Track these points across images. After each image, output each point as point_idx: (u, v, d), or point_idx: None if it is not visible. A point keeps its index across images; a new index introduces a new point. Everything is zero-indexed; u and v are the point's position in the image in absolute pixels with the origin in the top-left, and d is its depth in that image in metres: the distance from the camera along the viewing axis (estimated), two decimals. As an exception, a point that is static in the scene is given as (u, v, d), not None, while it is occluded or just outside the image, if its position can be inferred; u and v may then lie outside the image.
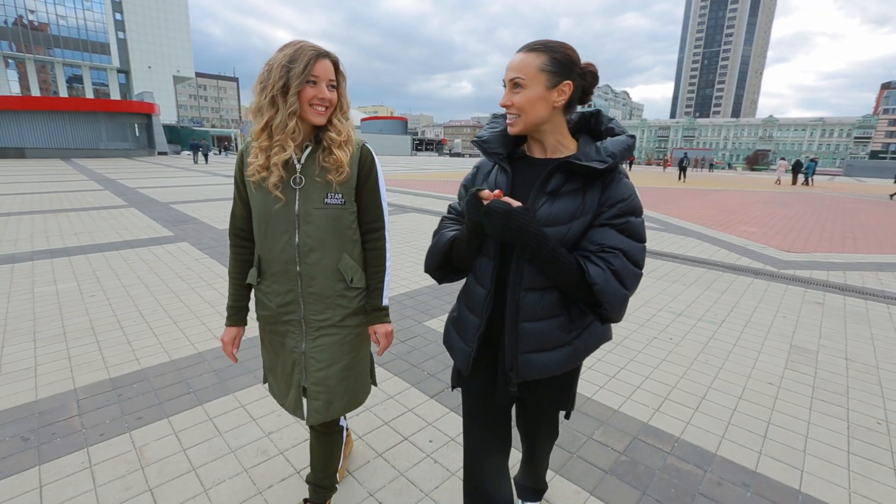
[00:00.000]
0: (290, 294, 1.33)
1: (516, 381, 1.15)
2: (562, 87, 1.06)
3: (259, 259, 1.36)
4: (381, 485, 1.86)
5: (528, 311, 1.11)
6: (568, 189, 1.07)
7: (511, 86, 1.08)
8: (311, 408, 1.38)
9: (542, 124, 1.10)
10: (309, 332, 1.36)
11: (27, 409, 2.29)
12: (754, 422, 2.36)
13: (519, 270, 1.10)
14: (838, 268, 5.81)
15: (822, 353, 3.24)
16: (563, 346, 1.13)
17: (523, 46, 1.08)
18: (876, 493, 1.88)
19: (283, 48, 1.22)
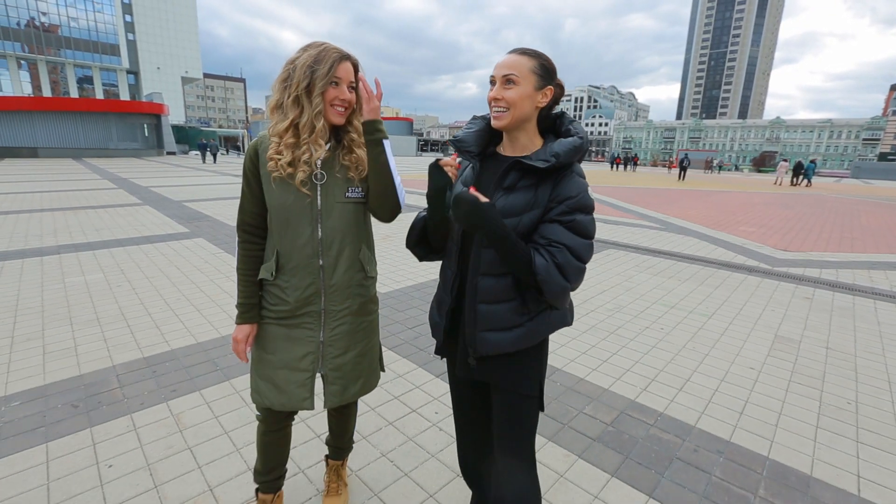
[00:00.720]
0: (312, 287, 1.35)
1: (474, 356, 1.24)
2: (545, 91, 1.17)
3: (277, 254, 1.35)
4: (392, 447, 2.09)
5: (485, 293, 1.19)
6: (523, 185, 1.15)
7: (503, 81, 1.15)
8: (328, 392, 1.43)
9: (524, 121, 1.19)
10: (328, 321, 1.39)
11: (73, 382, 2.54)
12: (733, 400, 2.57)
13: (477, 256, 1.19)
14: (832, 266, 5.98)
15: (805, 342, 3.44)
16: (516, 327, 1.20)
17: (514, 49, 1.18)
18: (836, 461, 2.08)
19: (307, 48, 1.26)
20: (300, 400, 1.39)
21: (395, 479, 1.90)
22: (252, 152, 1.33)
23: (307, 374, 1.40)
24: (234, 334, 1.42)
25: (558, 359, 3.00)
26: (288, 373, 1.39)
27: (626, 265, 5.63)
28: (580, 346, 3.23)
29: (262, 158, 1.30)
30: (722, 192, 18.08)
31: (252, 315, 1.41)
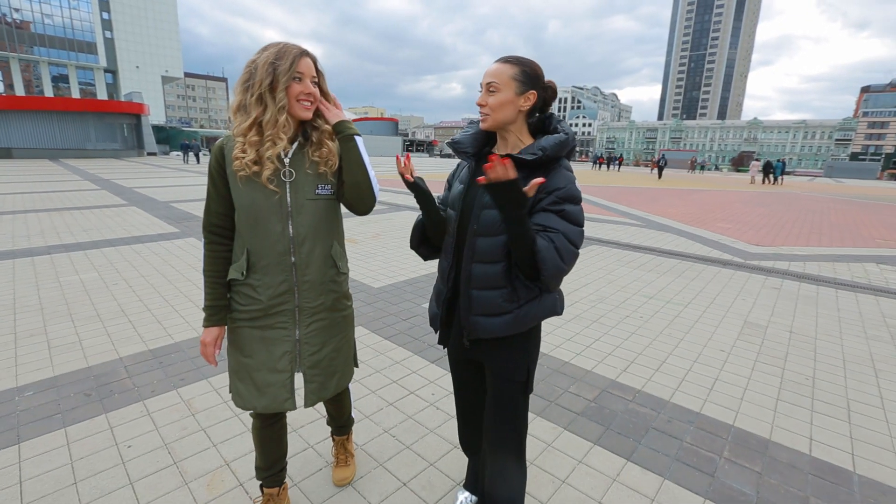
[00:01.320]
0: (284, 284, 1.36)
1: (468, 339, 1.34)
2: (527, 95, 1.26)
3: (248, 252, 1.35)
4: (394, 424, 2.26)
5: (478, 280, 1.28)
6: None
7: (487, 89, 1.26)
8: (307, 390, 1.44)
9: (508, 124, 1.28)
10: (302, 318, 1.40)
11: (83, 374, 2.64)
12: (704, 378, 2.81)
13: (472, 245, 1.28)
14: (800, 259, 6.34)
15: (771, 327, 3.71)
16: (506, 313, 1.28)
17: (500, 58, 1.28)
18: (792, 427, 2.33)
19: (265, 49, 1.28)
20: (282, 401, 1.40)
21: (398, 451, 2.07)
22: (217, 152, 1.33)
23: (286, 374, 1.40)
24: (202, 337, 1.42)
25: (546, 345, 3.20)
26: (267, 374, 1.39)
27: (607, 260, 5.88)
28: (566, 333, 3.44)
29: (228, 158, 1.30)
30: (702, 191, 18.64)
31: (220, 317, 1.41)
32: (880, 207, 14.72)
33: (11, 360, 2.79)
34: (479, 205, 1.28)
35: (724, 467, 2.01)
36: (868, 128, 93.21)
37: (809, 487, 1.90)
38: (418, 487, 1.85)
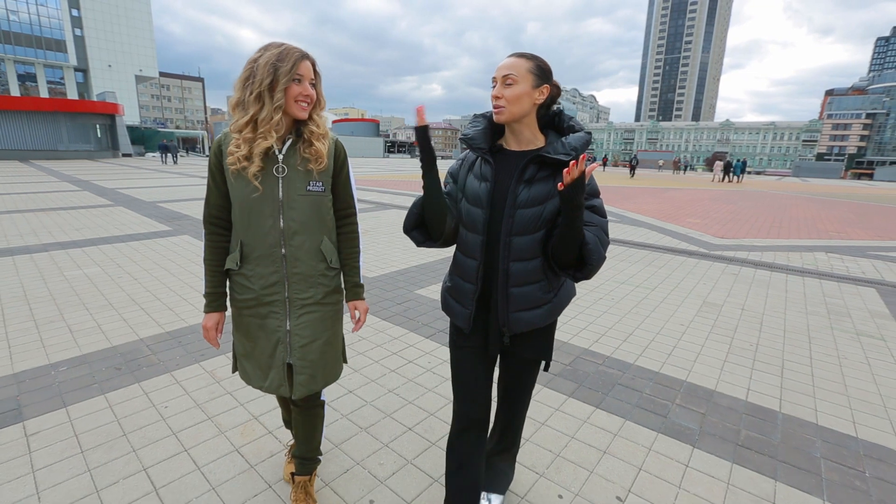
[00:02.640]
0: (275, 275, 1.41)
1: (508, 335, 1.37)
2: (542, 89, 1.27)
3: (241, 244, 1.41)
4: (397, 386, 2.59)
5: (516, 277, 1.30)
6: (541, 176, 1.27)
7: (503, 81, 1.25)
8: (297, 382, 1.47)
9: (523, 117, 1.29)
10: (293, 310, 1.44)
11: (109, 352, 2.89)
12: (664, 346, 3.23)
13: (507, 244, 1.29)
14: (758, 249, 6.92)
15: (726, 306, 4.18)
16: (545, 304, 1.35)
17: (513, 53, 1.29)
18: (734, 381, 2.76)
19: (267, 48, 1.32)
20: (276, 387, 1.47)
21: (402, 405, 2.40)
22: (216, 148, 1.39)
23: (279, 362, 1.46)
24: (203, 322, 1.51)
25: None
26: (268, 359, 1.47)
27: (585, 251, 6.32)
28: (545, 313, 3.83)
29: (226, 153, 1.35)
30: (676, 189, 19.47)
31: (220, 304, 1.50)
32: (838, 204, 15.72)
33: (38, 342, 3.01)
34: (511, 204, 1.28)
35: (675, 410, 2.41)
36: (832, 129, 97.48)
37: (742, 423, 2.32)
38: (421, 431, 2.19)
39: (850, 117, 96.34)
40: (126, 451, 1.97)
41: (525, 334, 1.38)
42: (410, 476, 1.88)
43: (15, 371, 2.62)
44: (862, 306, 4.32)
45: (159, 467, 1.88)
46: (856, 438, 2.22)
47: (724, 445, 2.13)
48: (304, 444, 1.67)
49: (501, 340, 1.38)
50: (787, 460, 2.04)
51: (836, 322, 3.86)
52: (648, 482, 1.88)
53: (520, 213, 1.27)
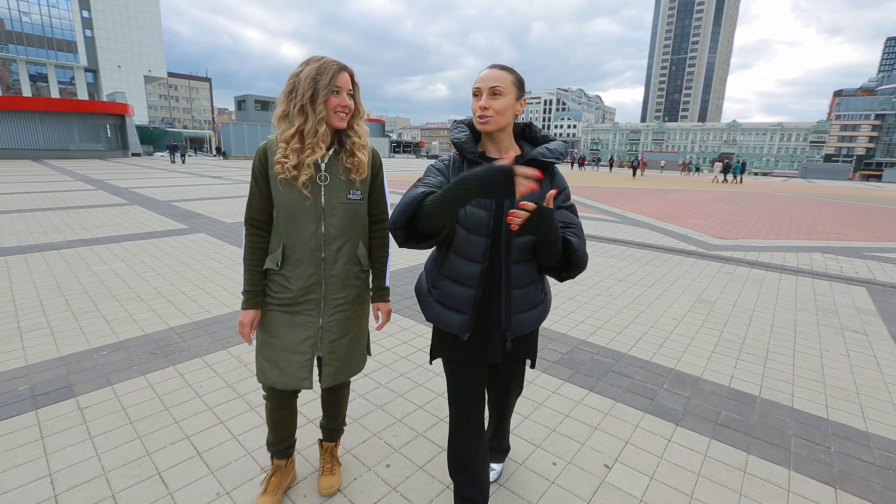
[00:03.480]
0: (314, 277, 1.49)
1: (512, 337, 1.39)
2: (521, 101, 1.35)
3: (283, 246, 1.48)
4: (408, 370, 2.83)
5: (517, 279, 1.35)
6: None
7: (490, 93, 1.30)
8: (325, 373, 1.58)
9: (505, 127, 1.36)
10: (326, 308, 1.53)
11: (143, 339, 3.15)
12: (656, 338, 3.45)
13: (508, 247, 1.33)
14: (755, 250, 7.10)
15: (719, 302, 4.39)
16: (540, 304, 1.42)
17: (494, 65, 1.34)
18: (719, 369, 2.97)
19: (308, 62, 1.40)
20: (300, 380, 1.53)
21: (413, 387, 2.64)
22: (261, 154, 1.47)
23: (307, 356, 1.53)
24: (240, 318, 1.55)
25: (528, 316, 3.81)
26: (289, 355, 1.52)
27: (586, 251, 6.53)
28: (545, 307, 4.06)
29: (271, 161, 1.43)
30: (678, 191, 19.59)
31: (257, 301, 1.55)
32: (842, 205, 15.80)
33: (77, 329, 3.28)
34: (510, 206, 1.30)
35: (663, 394, 2.63)
36: (840, 130, 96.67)
37: (723, 405, 2.54)
38: (431, 409, 2.43)
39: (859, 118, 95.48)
40: (169, 423, 2.22)
41: (524, 337, 1.43)
42: (422, 446, 2.12)
43: (61, 354, 2.88)
44: (850, 304, 4.51)
45: (200, 436, 2.13)
46: (826, 420, 2.44)
47: (705, 424, 2.35)
48: (331, 419, 1.84)
49: (503, 346, 1.40)
50: (760, 437, 2.26)
51: (823, 318, 4.06)
52: (634, 453, 2.11)
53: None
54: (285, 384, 1.54)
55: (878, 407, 2.59)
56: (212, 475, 1.88)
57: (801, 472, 2.01)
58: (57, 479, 1.82)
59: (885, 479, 1.99)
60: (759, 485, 1.93)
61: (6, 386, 2.49)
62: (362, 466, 1.97)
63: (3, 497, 1.72)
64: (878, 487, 1.94)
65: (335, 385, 1.67)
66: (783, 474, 1.99)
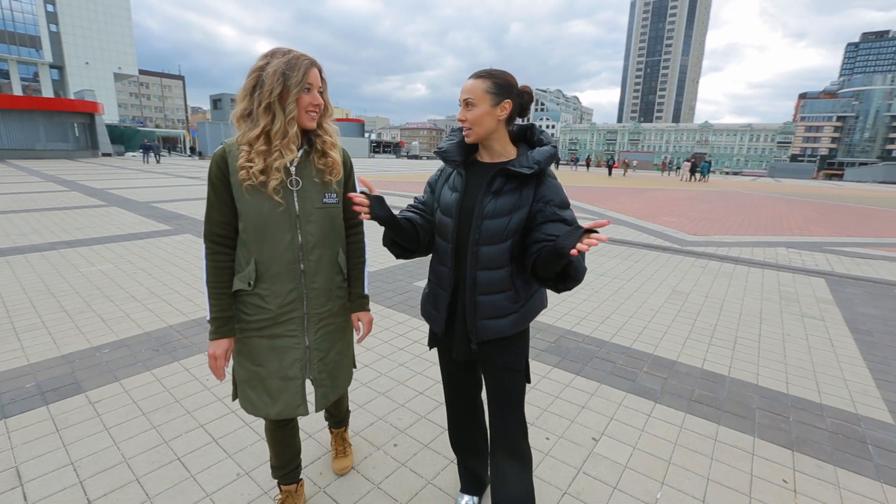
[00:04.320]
0: (294, 292, 1.37)
1: (475, 341, 1.40)
2: (503, 105, 1.31)
3: (255, 262, 1.34)
4: (406, 360, 2.98)
5: (483, 286, 1.35)
6: (508, 188, 1.32)
7: (464, 105, 1.32)
8: (318, 395, 1.47)
9: (491, 133, 1.34)
10: (310, 325, 1.41)
11: (143, 337, 3.21)
12: (636, 327, 3.70)
13: (475, 253, 1.33)
14: (725, 245, 7.51)
15: (692, 294, 4.69)
16: (512, 313, 1.37)
17: (472, 74, 1.34)
18: (693, 353, 3.23)
19: (273, 55, 1.26)
20: (294, 407, 1.42)
21: (412, 376, 2.80)
22: (220, 161, 1.30)
23: (298, 381, 1.42)
24: (209, 350, 1.38)
25: (516, 309, 4.01)
26: (280, 382, 1.40)
27: (568, 247, 6.80)
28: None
29: (232, 167, 1.28)
30: (656, 190, 20.24)
31: (228, 329, 1.38)
32: (806, 203, 16.64)
33: (74, 329, 3.31)
34: (478, 215, 1.33)
35: (642, 376, 2.87)
36: (805, 131, 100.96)
37: (696, 384, 2.78)
38: (431, 394, 2.59)
39: (822, 120, 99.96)
40: (182, 413, 2.32)
41: (494, 342, 1.40)
42: (425, 426, 2.28)
43: (63, 353, 2.93)
44: (810, 293, 4.88)
45: (213, 424, 2.24)
46: (787, 394, 2.71)
47: (680, 401, 2.58)
48: (335, 415, 1.89)
49: (469, 347, 1.43)
50: (729, 410, 2.50)
51: (786, 306, 4.39)
52: (617, 427, 2.32)
53: (486, 224, 1.31)
54: (279, 413, 1.41)
55: (832, 383, 2.88)
56: (230, 458, 2.00)
57: (764, 438, 2.26)
58: (79, 467, 1.91)
59: (835, 441, 2.26)
60: (728, 450, 2.16)
61: (12, 384, 2.54)
62: (371, 446, 2.12)
63: (30, 484, 1.81)
64: (828, 449, 2.20)
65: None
66: (748, 441, 2.24)
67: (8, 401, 2.37)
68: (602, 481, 1.94)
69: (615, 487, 1.91)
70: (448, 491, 1.86)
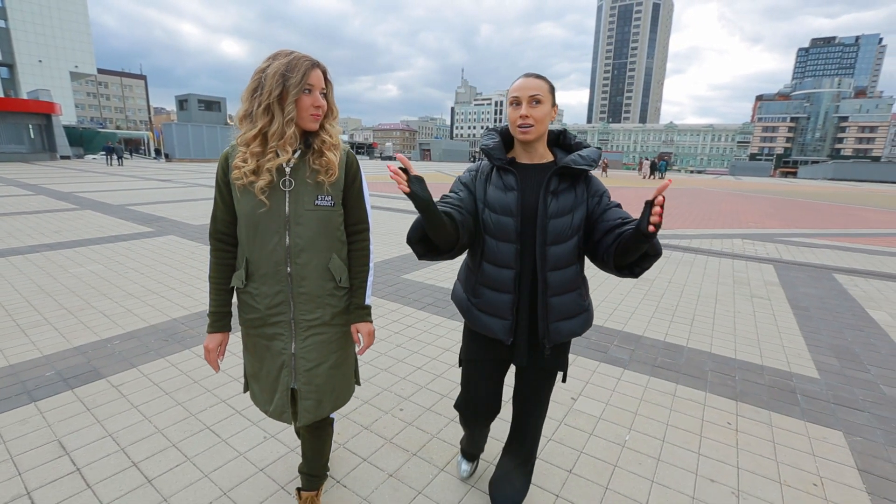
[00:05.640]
0: (280, 295, 1.34)
1: (550, 345, 1.37)
2: (555, 108, 1.37)
3: (246, 261, 1.35)
4: (403, 342, 3.27)
5: (555, 287, 1.34)
6: (562, 188, 1.35)
7: (530, 101, 1.30)
8: (301, 408, 1.40)
9: (544, 134, 1.38)
10: (298, 332, 1.37)
11: (150, 329, 3.37)
12: (608, 309, 4.10)
13: (543, 254, 1.32)
14: (688, 237, 8.11)
15: (657, 280, 5.16)
16: (582, 312, 1.39)
17: (530, 74, 1.35)
18: (657, 328, 3.65)
19: (276, 57, 1.26)
20: (280, 413, 1.40)
21: (409, 354, 3.09)
22: (223, 161, 1.34)
23: (283, 386, 1.39)
24: (205, 343, 1.42)
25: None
26: (266, 382, 1.42)
27: (544, 242, 7.23)
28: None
29: (232, 167, 1.30)
30: (623, 188, 21.12)
31: (224, 324, 1.43)
32: (762, 199, 17.80)
33: (79, 324, 3.43)
34: (542, 214, 1.33)
35: (612, 349, 3.25)
36: (762, 132, 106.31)
37: (658, 353, 3.19)
38: (428, 368, 2.89)
39: (777, 120, 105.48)
40: (203, 392, 2.53)
41: (562, 346, 1.42)
42: (426, 393, 2.58)
43: (74, 345, 3.07)
44: (760, 278, 5.44)
45: (234, 399, 2.46)
46: (735, 359, 3.14)
47: (645, 366, 2.98)
48: (311, 462, 1.64)
49: (529, 352, 1.41)
50: (686, 373, 2.91)
51: (738, 289, 4.91)
52: (592, 389, 2.68)
53: (552, 224, 1.32)
54: (272, 413, 1.42)
55: (772, 349, 3.34)
56: (255, 425, 2.24)
57: (714, 392, 2.67)
58: (118, 437, 2.12)
59: (771, 393, 2.69)
60: (684, 403, 2.55)
61: (32, 373, 2.68)
62: (380, 411, 2.40)
63: (75, 453, 2.00)
64: (765, 398, 2.62)
65: (317, 423, 1.51)
66: (701, 395, 2.64)
67: (33, 387, 2.52)
68: (580, 430, 2.29)
69: (591, 434, 2.26)
70: (452, 442, 2.16)
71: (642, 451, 2.14)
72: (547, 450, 2.12)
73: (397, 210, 10.47)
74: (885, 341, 3.57)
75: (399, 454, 2.07)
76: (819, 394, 2.71)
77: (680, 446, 2.17)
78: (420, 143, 74.46)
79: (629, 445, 2.17)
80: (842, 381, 2.88)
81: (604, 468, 2.01)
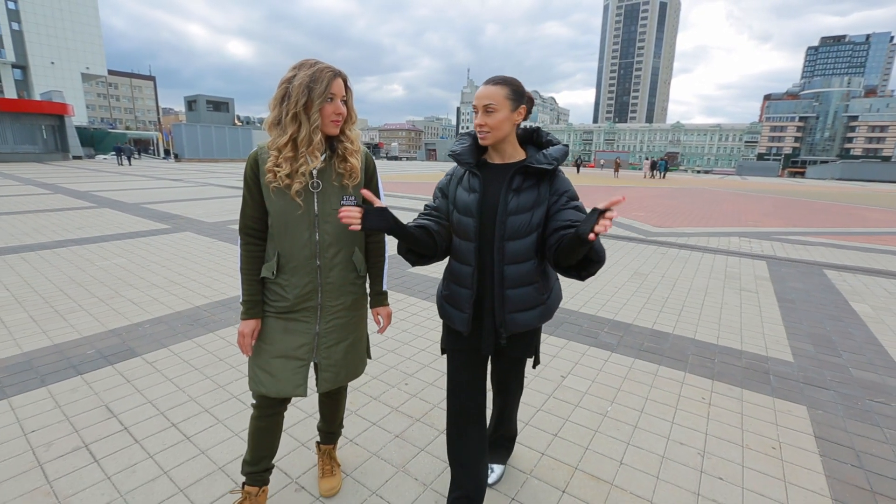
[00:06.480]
0: (310, 285, 1.49)
1: (505, 335, 1.45)
2: (519, 110, 1.39)
3: (278, 255, 1.47)
4: (408, 327, 3.54)
5: (512, 280, 1.40)
6: (526, 185, 1.39)
7: (484, 110, 1.37)
8: (321, 378, 1.56)
9: (506, 136, 1.41)
10: (324, 316, 1.53)
11: (175, 316, 3.67)
12: (601, 300, 4.35)
13: (500, 249, 1.38)
14: (685, 235, 8.31)
15: (651, 275, 5.39)
16: (538, 305, 1.44)
17: (488, 80, 1.39)
18: (647, 318, 3.89)
19: (300, 67, 1.37)
20: (294, 387, 1.51)
21: (413, 338, 3.36)
22: (252, 162, 1.45)
23: (302, 362, 1.52)
24: (239, 328, 1.53)
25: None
26: (284, 361, 1.51)
27: (545, 239, 7.47)
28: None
29: (262, 169, 1.41)
30: (627, 188, 21.27)
31: (257, 311, 1.53)
32: (767, 199, 17.88)
33: (111, 311, 3.74)
34: (502, 212, 1.40)
35: (603, 335, 3.50)
36: (770, 131, 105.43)
37: (645, 339, 3.43)
38: (431, 350, 3.16)
39: (786, 120, 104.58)
40: (228, 368, 2.82)
41: (521, 335, 1.50)
42: (427, 374, 2.85)
43: (109, 328, 3.37)
44: (751, 273, 5.65)
45: (256, 375, 2.74)
46: (716, 345, 3.38)
47: (631, 350, 3.23)
48: (329, 421, 1.84)
49: (496, 341, 1.49)
50: (669, 356, 3.15)
51: (728, 283, 5.13)
52: (581, 370, 2.93)
53: (511, 220, 1.39)
54: (278, 392, 1.51)
55: (753, 336, 3.57)
56: (276, 395, 2.51)
57: (693, 373, 2.92)
58: (157, 403, 2.40)
59: (746, 374, 2.93)
60: (664, 381, 2.80)
61: (75, 351, 2.98)
62: (387, 385, 2.67)
63: (122, 415, 2.29)
64: (740, 378, 2.87)
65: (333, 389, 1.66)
66: (680, 375, 2.89)
67: (77, 362, 2.82)
68: (567, 402, 2.55)
69: (577, 405, 2.51)
70: (451, 411, 2.43)
71: (622, 419, 2.39)
72: (536, 418, 2.38)
73: (402, 209, 10.75)
74: (862, 330, 3.79)
75: (404, 420, 2.34)
76: (790, 374, 2.94)
77: (656, 416, 2.42)
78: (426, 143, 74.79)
79: (610, 415, 2.43)
80: (814, 364, 3.11)
81: (586, 433, 2.27)
